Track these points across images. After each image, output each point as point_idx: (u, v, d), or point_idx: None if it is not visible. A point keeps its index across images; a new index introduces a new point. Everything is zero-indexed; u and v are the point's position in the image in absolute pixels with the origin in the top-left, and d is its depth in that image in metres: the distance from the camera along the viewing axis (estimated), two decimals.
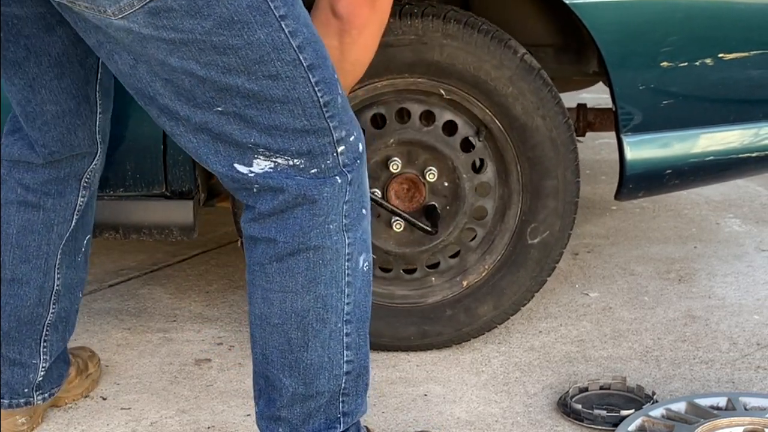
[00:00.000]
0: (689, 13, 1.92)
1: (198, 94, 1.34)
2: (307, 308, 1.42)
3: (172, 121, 1.39)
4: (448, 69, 1.91)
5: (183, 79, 1.33)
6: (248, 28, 1.30)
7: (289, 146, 1.36)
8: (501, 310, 2.06)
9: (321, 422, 1.49)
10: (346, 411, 1.50)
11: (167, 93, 1.36)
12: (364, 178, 1.44)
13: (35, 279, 1.71)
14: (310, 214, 1.38)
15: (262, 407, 1.51)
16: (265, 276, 1.42)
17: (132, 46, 1.33)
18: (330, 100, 1.37)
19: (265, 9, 1.30)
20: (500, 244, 2.05)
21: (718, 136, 2.04)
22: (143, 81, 1.37)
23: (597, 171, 3.42)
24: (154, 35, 1.30)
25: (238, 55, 1.31)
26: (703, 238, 2.80)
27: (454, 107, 1.98)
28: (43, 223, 1.70)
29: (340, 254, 1.42)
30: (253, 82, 1.32)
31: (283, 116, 1.35)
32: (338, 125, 1.38)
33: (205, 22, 1.28)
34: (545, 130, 1.95)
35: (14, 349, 1.73)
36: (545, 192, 1.99)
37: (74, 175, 1.70)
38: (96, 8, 1.30)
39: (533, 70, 1.93)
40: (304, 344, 1.44)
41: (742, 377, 1.97)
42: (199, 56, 1.31)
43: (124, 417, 1.87)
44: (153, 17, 1.28)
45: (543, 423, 1.82)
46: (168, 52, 1.31)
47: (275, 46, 1.32)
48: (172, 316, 2.35)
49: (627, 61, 1.92)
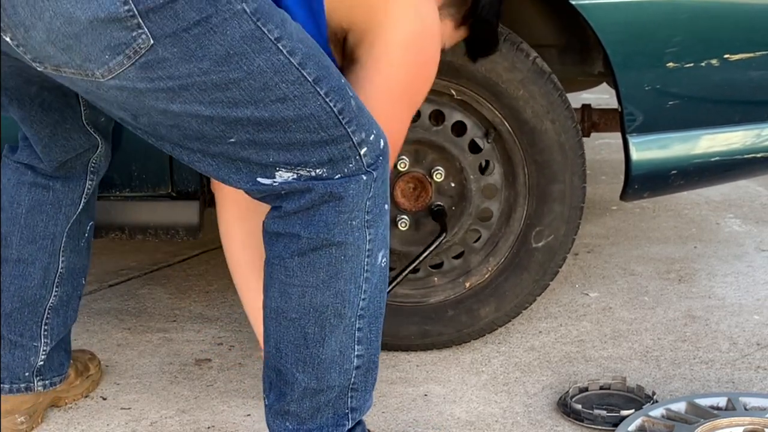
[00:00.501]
0: (695, 14, 1.92)
1: (207, 132, 1.33)
2: (326, 304, 1.42)
3: (186, 153, 1.38)
4: (460, 70, 1.91)
5: (189, 122, 1.32)
6: (246, 58, 1.28)
7: (310, 158, 1.36)
8: (503, 312, 2.06)
9: (329, 417, 1.49)
10: (354, 406, 1.51)
11: (175, 137, 1.35)
12: (387, 173, 1.44)
13: (41, 259, 1.72)
14: (336, 211, 1.38)
15: (272, 400, 1.51)
16: (285, 270, 1.41)
17: (128, 103, 1.31)
18: (344, 106, 1.36)
19: (259, 36, 1.28)
20: (504, 246, 2.05)
21: (723, 136, 2.04)
22: (147, 129, 1.36)
23: (597, 171, 3.42)
24: (150, 87, 1.28)
25: (241, 87, 1.29)
26: (703, 238, 2.81)
27: (464, 108, 1.98)
28: (51, 203, 1.71)
29: (361, 250, 1.42)
30: (262, 109, 1.31)
31: (299, 133, 1.34)
32: (357, 129, 1.38)
33: (201, 63, 1.26)
34: (554, 134, 1.95)
35: (16, 330, 1.74)
36: (551, 196, 1.99)
37: (81, 162, 1.73)
38: (83, 73, 1.28)
39: (544, 73, 1.93)
40: (320, 339, 1.44)
41: (742, 377, 1.97)
42: (201, 97, 1.29)
43: (124, 417, 1.87)
44: (146, 71, 1.26)
45: (543, 423, 1.82)
46: (168, 100, 1.29)
47: (276, 69, 1.30)
48: (172, 316, 2.35)
49: (633, 61, 1.91)
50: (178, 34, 1.25)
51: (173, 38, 1.25)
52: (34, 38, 1.26)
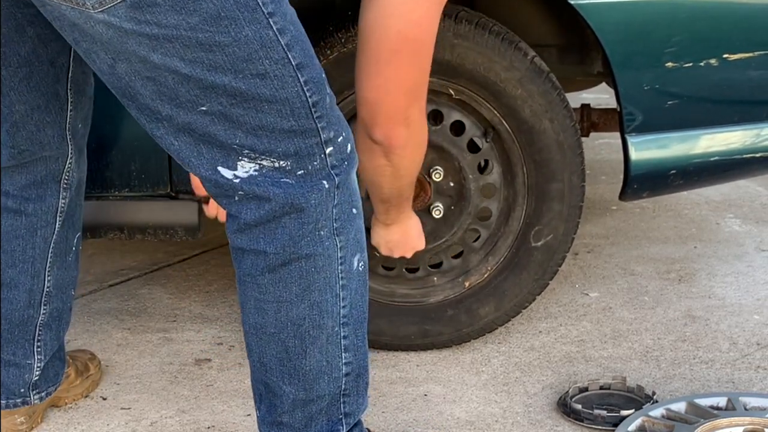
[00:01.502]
0: (694, 14, 1.92)
1: (181, 93, 1.29)
2: (303, 316, 1.40)
3: (153, 121, 1.34)
4: (458, 69, 1.91)
5: (166, 77, 1.28)
6: (236, 24, 1.25)
7: (276, 147, 1.33)
8: (502, 312, 2.06)
9: (323, 424, 1.48)
10: (347, 411, 1.50)
11: (148, 92, 1.31)
12: (353, 178, 1.41)
13: (23, 282, 1.70)
14: (299, 223, 1.36)
15: (264, 413, 1.50)
16: (257, 287, 1.40)
17: (111, 43, 1.28)
18: (319, 99, 1.34)
19: (253, 6, 1.26)
20: (503, 245, 2.05)
21: (722, 136, 2.04)
22: (123, 80, 1.32)
23: (597, 171, 3.42)
24: (136, 30, 1.25)
25: (225, 53, 1.27)
26: (703, 238, 2.81)
27: (462, 107, 1.98)
28: (26, 227, 1.68)
29: (332, 259, 1.39)
30: (240, 80, 1.28)
31: (271, 116, 1.31)
32: (326, 125, 1.35)
33: (190, 17, 1.24)
34: (552, 133, 1.95)
35: (8, 350, 1.73)
36: (550, 195, 1.99)
37: (52, 177, 1.68)
38: (75, 1, 1.25)
39: (543, 72, 1.93)
40: (302, 351, 1.42)
41: (742, 377, 1.97)
42: (183, 53, 1.26)
43: (124, 417, 1.87)
44: (135, 11, 1.23)
45: (543, 423, 1.82)
46: (150, 48, 1.26)
47: (263, 43, 1.28)
48: (172, 316, 2.35)
49: (632, 61, 1.91)
50: None
51: None
52: None
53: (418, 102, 1.62)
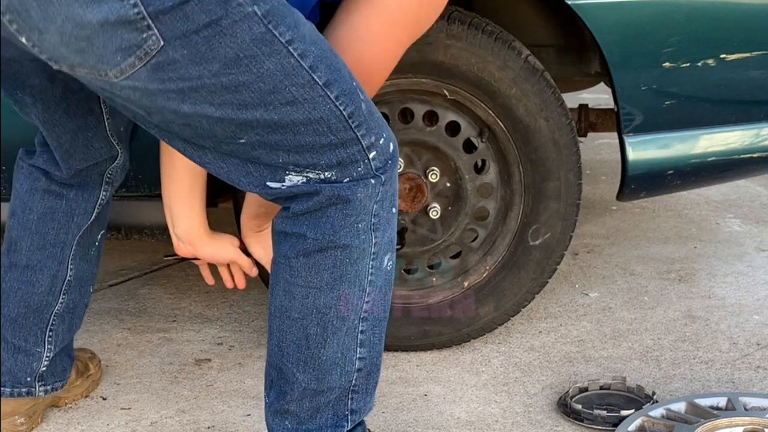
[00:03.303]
0: (691, 14, 1.92)
1: (218, 132, 1.33)
2: (329, 305, 1.42)
3: (198, 151, 1.39)
4: (452, 69, 1.91)
5: (200, 122, 1.32)
6: (256, 61, 1.28)
7: (319, 161, 1.36)
8: (502, 311, 2.07)
9: (328, 417, 1.49)
10: (354, 408, 1.51)
11: (187, 134, 1.36)
12: (395, 177, 1.44)
13: (49, 267, 1.73)
14: (343, 214, 1.38)
15: (273, 399, 1.51)
16: (290, 269, 1.42)
17: (141, 102, 1.32)
18: (354, 110, 1.36)
19: (270, 39, 1.28)
20: (501, 245, 2.05)
21: (719, 136, 2.04)
22: (161, 125, 1.37)
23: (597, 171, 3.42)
24: (162, 88, 1.28)
25: (251, 90, 1.29)
26: (703, 238, 2.81)
27: (457, 108, 1.98)
28: (64, 212, 1.72)
29: (366, 253, 1.41)
30: (272, 111, 1.31)
31: (308, 136, 1.34)
32: (366, 132, 1.37)
33: (211, 65, 1.26)
34: (548, 131, 1.95)
35: (20, 335, 1.74)
36: (547, 194, 1.99)
37: (97, 171, 1.73)
38: (97, 73, 1.28)
39: (537, 71, 1.93)
40: (322, 341, 1.44)
41: (742, 377, 1.97)
42: (211, 99, 1.29)
43: (124, 417, 1.87)
44: (157, 72, 1.27)
45: (543, 423, 1.82)
46: (179, 101, 1.29)
47: (287, 72, 1.30)
48: (172, 316, 2.35)
49: (629, 61, 1.91)
50: (188, 36, 1.25)
51: (183, 40, 1.25)
52: (48, 41, 1.27)
53: None
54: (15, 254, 1.73)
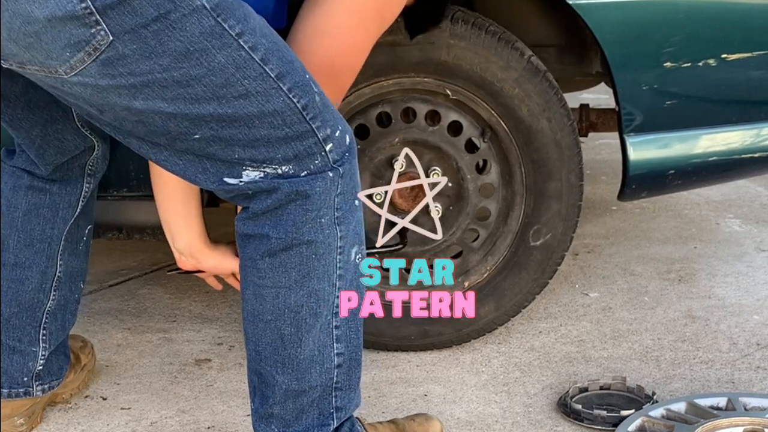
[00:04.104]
0: (692, 14, 1.92)
1: (172, 128, 1.32)
2: (301, 303, 1.42)
3: (152, 149, 1.37)
4: (455, 69, 1.91)
5: (153, 118, 1.31)
6: (207, 54, 1.27)
7: (275, 155, 1.35)
8: (502, 311, 2.07)
9: (314, 417, 1.49)
10: (338, 405, 1.50)
11: (141, 132, 1.34)
12: (355, 169, 1.42)
13: (38, 264, 1.72)
14: (303, 210, 1.37)
15: (257, 405, 1.51)
16: (257, 272, 1.41)
17: (93, 99, 1.30)
18: (308, 102, 1.35)
19: (220, 32, 1.27)
20: (502, 245, 2.05)
21: (720, 136, 2.04)
22: (113, 123, 1.35)
23: (597, 171, 3.42)
24: (112, 84, 1.27)
25: (203, 84, 1.28)
26: (703, 238, 2.81)
27: (459, 108, 1.98)
28: (48, 206, 1.71)
29: (332, 248, 1.41)
30: (225, 105, 1.30)
31: (263, 129, 1.33)
32: (321, 124, 1.36)
33: (161, 59, 1.25)
34: (550, 132, 1.95)
35: (14, 336, 1.74)
36: (549, 194, 1.99)
37: (78, 164, 1.72)
38: (47, 70, 1.27)
39: (539, 72, 1.93)
40: (297, 340, 1.43)
41: (742, 377, 1.97)
42: (163, 94, 1.28)
43: (124, 417, 1.87)
44: (107, 68, 1.25)
45: (543, 423, 1.82)
46: (130, 96, 1.28)
47: (238, 65, 1.29)
48: (172, 316, 2.35)
49: (630, 61, 1.91)
50: (137, 30, 1.24)
51: (132, 35, 1.24)
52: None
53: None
54: (3, 253, 1.71)
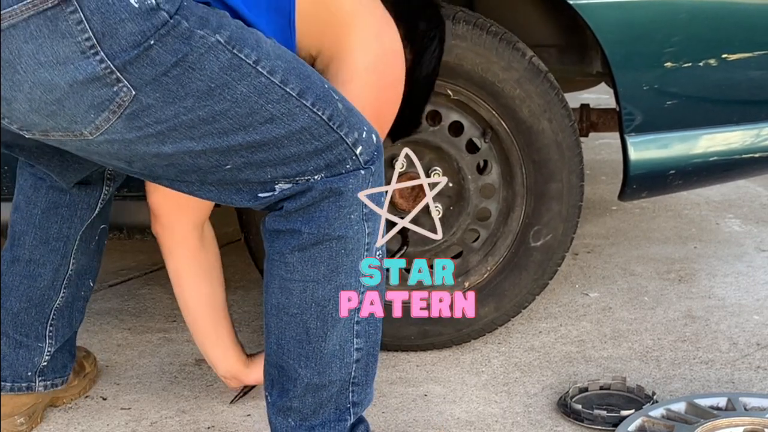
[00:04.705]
0: (693, 14, 1.92)
1: (203, 164, 1.34)
2: (328, 297, 1.43)
3: (185, 186, 1.39)
4: (456, 69, 1.91)
5: (183, 158, 1.32)
6: (228, 88, 1.28)
7: (307, 167, 1.37)
8: (502, 312, 2.07)
9: (331, 412, 1.50)
10: (355, 401, 1.51)
11: (171, 173, 1.36)
12: (382, 166, 1.45)
13: (52, 261, 1.73)
14: (337, 206, 1.39)
15: (275, 398, 1.51)
16: (285, 266, 1.42)
17: (121, 153, 1.32)
18: (332, 112, 1.36)
19: (238, 63, 1.29)
20: (503, 246, 2.05)
21: (721, 136, 2.04)
22: (144, 172, 1.37)
23: (597, 171, 3.42)
24: (140, 135, 1.28)
25: (229, 116, 1.30)
26: (703, 238, 2.81)
27: (460, 108, 1.98)
28: (68, 206, 1.72)
29: (360, 243, 1.42)
30: (252, 133, 1.32)
31: (293, 147, 1.35)
32: (349, 130, 1.38)
33: (185, 102, 1.27)
34: (551, 133, 1.95)
35: (21, 330, 1.75)
36: (549, 195, 1.99)
37: (98, 170, 1.73)
38: (72, 134, 1.28)
39: (541, 72, 1.93)
40: (322, 334, 1.44)
41: (742, 377, 1.97)
42: (191, 134, 1.30)
43: (124, 417, 1.87)
44: (133, 121, 1.27)
45: (543, 423, 1.82)
46: (159, 143, 1.30)
47: (260, 92, 1.30)
48: (172, 316, 2.35)
49: (631, 61, 1.91)
50: (158, 79, 1.25)
51: (154, 84, 1.25)
52: (17, 110, 1.27)
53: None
54: (18, 249, 1.73)
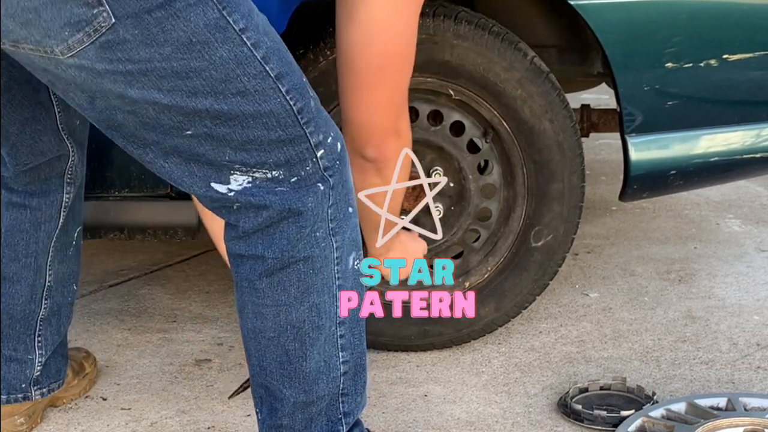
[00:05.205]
0: (693, 14, 1.92)
1: (164, 122, 1.28)
2: (302, 319, 1.40)
3: (139, 148, 1.33)
4: (458, 69, 1.91)
5: (147, 109, 1.27)
6: (209, 47, 1.24)
7: (266, 158, 1.32)
8: (502, 312, 2.07)
9: (323, 424, 1.48)
10: (346, 411, 1.50)
11: (131, 124, 1.30)
12: (347, 177, 1.40)
13: (26, 277, 1.71)
14: (297, 227, 1.35)
15: (265, 415, 1.49)
16: (255, 292, 1.39)
17: (86, 84, 1.27)
18: (303, 105, 1.33)
19: (224, 25, 1.25)
20: (503, 246, 2.05)
21: (722, 137, 2.04)
22: (103, 114, 1.31)
23: (597, 172, 3.42)
24: (109, 69, 1.24)
25: (202, 77, 1.25)
26: (703, 238, 2.81)
27: (462, 108, 1.98)
28: (30, 221, 1.69)
29: (329, 260, 1.39)
30: (222, 101, 1.27)
31: (257, 130, 1.30)
32: (314, 130, 1.34)
33: (162, 48, 1.22)
34: (552, 133, 1.95)
35: (9, 345, 1.73)
36: (550, 195, 1.99)
37: (56, 174, 1.69)
38: (42, 50, 1.24)
39: (542, 73, 1.93)
40: (302, 354, 1.42)
41: (742, 378, 1.97)
42: (160, 84, 1.25)
43: (124, 417, 1.87)
44: (106, 51, 1.22)
45: (543, 423, 1.82)
46: (126, 84, 1.25)
47: (239, 61, 1.26)
48: (172, 316, 2.35)
49: (631, 61, 1.91)
50: (140, 15, 1.21)
51: (135, 19, 1.21)
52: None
53: (405, 112, 1.63)
54: None
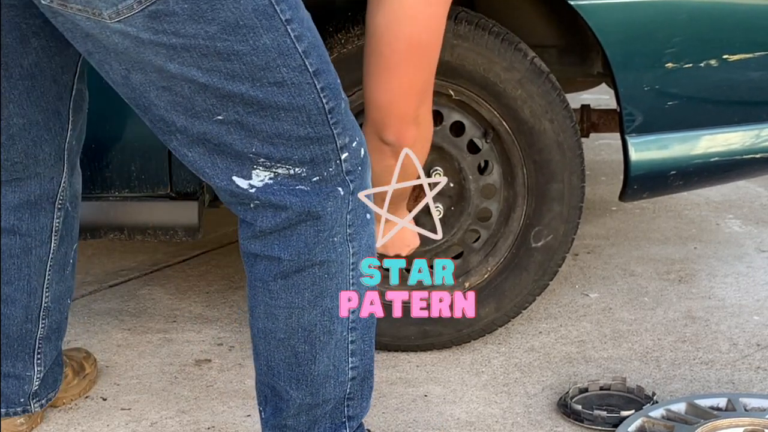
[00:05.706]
0: (694, 15, 1.92)
1: (198, 103, 1.29)
2: (314, 322, 1.40)
3: (167, 133, 1.34)
4: (458, 69, 1.91)
5: (182, 86, 1.27)
6: (254, 32, 1.25)
7: (292, 154, 1.32)
8: (502, 312, 2.07)
9: (327, 427, 1.48)
10: (351, 415, 1.50)
11: (163, 103, 1.30)
12: (368, 183, 1.41)
13: (19, 299, 1.69)
14: (315, 230, 1.35)
15: (269, 415, 1.50)
16: (269, 293, 1.39)
17: (127, 53, 1.26)
18: (335, 105, 1.33)
19: (271, 13, 1.25)
20: (504, 246, 2.05)
21: (722, 137, 2.04)
22: (137, 90, 1.31)
23: (597, 172, 3.42)
24: (153, 40, 1.24)
25: (243, 61, 1.26)
26: (703, 238, 2.81)
27: (462, 108, 1.98)
28: (20, 247, 1.67)
29: (345, 265, 1.39)
30: (258, 89, 1.27)
31: (287, 124, 1.31)
32: (342, 131, 1.35)
33: (209, 26, 1.23)
34: (552, 133, 1.95)
35: (7, 362, 1.72)
36: (550, 196, 1.99)
37: (46, 197, 1.67)
38: (90, 11, 1.23)
39: (542, 73, 1.93)
40: (311, 357, 1.42)
41: (742, 378, 1.97)
42: (201, 62, 1.25)
43: (124, 417, 1.87)
44: (153, 21, 1.22)
45: (543, 424, 1.82)
46: (167, 57, 1.25)
47: (281, 51, 1.27)
48: (172, 316, 2.35)
49: (632, 62, 1.92)
50: None
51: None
52: None
53: (427, 100, 1.63)
54: None
